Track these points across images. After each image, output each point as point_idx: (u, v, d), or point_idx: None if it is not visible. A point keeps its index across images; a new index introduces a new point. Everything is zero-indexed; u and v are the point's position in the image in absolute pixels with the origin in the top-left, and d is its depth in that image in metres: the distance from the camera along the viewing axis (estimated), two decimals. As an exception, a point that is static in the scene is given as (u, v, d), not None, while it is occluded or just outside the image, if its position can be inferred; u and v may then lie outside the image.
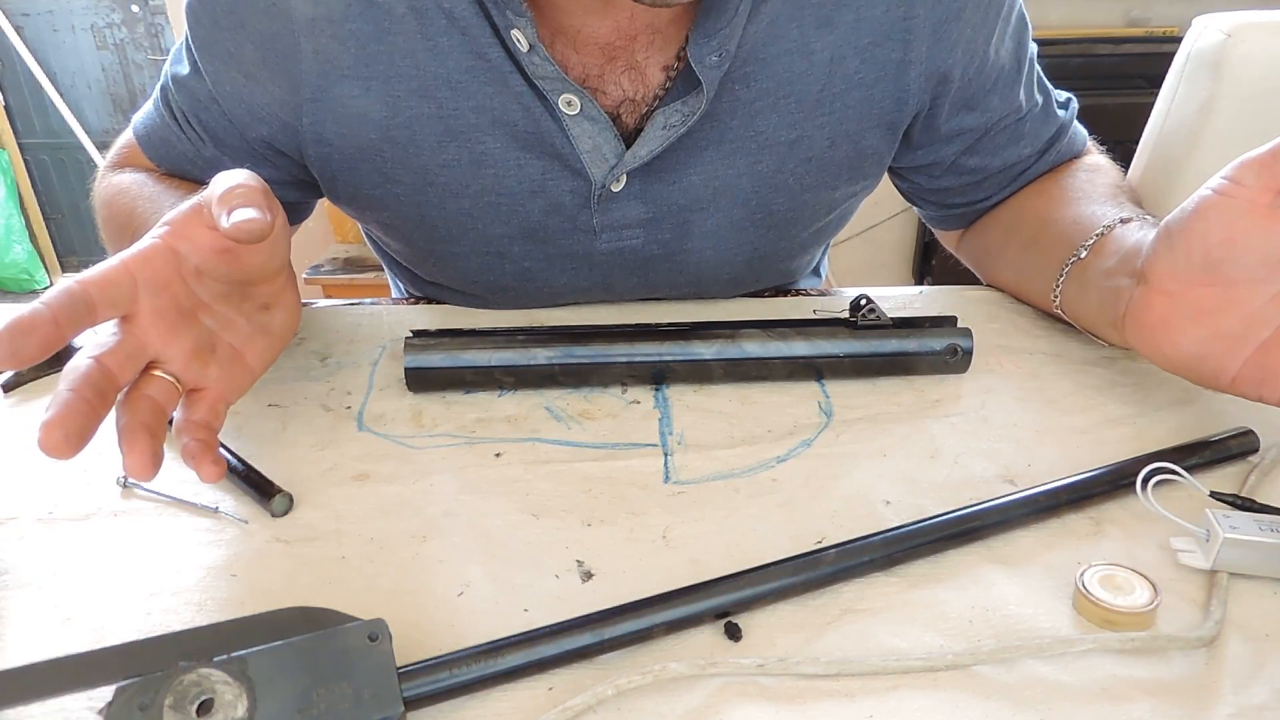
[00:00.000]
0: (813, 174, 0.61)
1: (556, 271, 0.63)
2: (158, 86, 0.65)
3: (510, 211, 0.60)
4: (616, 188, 0.59)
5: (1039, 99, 0.66)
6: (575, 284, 0.64)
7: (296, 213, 0.70)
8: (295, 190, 0.65)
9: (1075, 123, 0.69)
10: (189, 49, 0.61)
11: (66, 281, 0.37)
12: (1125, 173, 0.70)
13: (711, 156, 0.59)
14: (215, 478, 0.40)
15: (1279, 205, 0.42)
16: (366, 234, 0.77)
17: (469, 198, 0.59)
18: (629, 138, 0.58)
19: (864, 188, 0.66)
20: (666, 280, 0.65)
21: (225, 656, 0.31)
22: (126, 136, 0.68)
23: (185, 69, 0.61)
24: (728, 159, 0.59)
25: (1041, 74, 0.67)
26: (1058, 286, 0.58)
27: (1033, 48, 0.66)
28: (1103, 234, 0.55)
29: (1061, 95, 0.69)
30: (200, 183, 0.63)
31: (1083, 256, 0.56)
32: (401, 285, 0.81)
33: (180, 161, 0.64)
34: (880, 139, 0.62)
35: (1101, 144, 0.71)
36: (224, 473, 0.41)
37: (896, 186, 0.74)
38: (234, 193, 0.41)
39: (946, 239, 0.78)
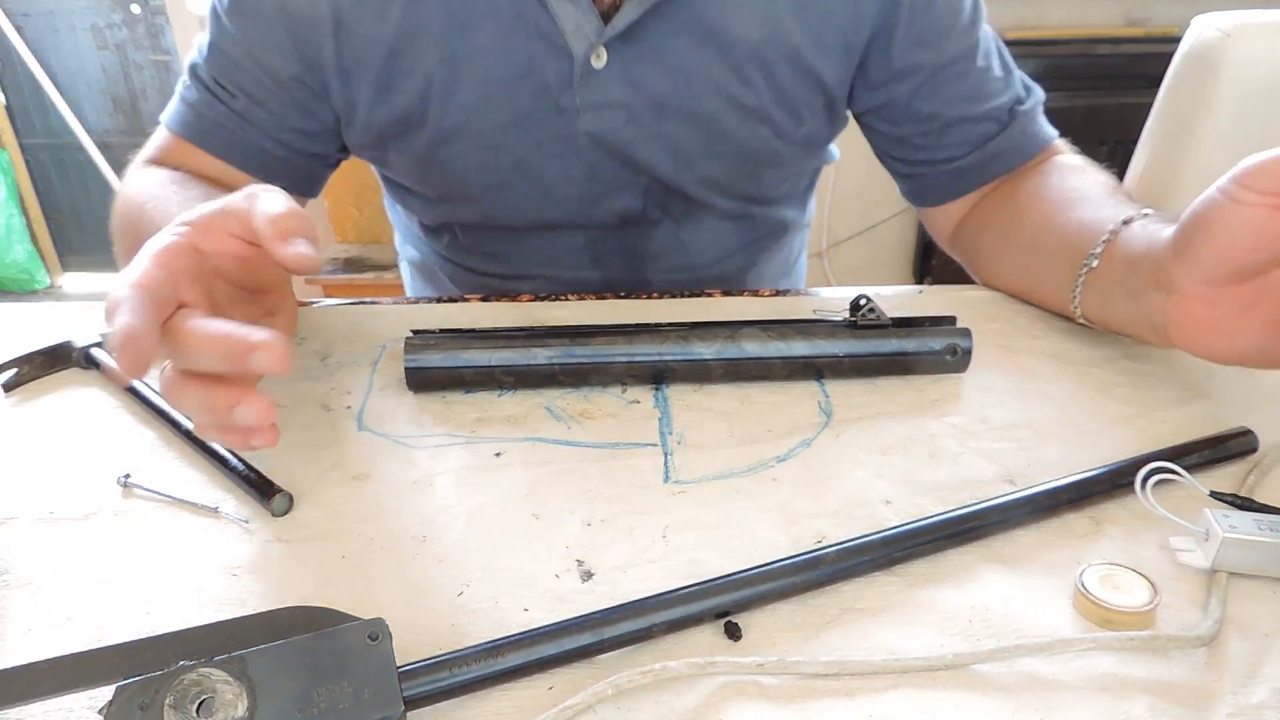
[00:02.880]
0: (779, 76, 0.66)
1: (547, 158, 0.67)
2: (180, 83, 0.69)
3: (501, 99, 0.65)
4: (598, 64, 0.63)
5: (998, 69, 0.69)
6: (565, 173, 0.68)
7: (313, 183, 0.73)
8: (322, 141, 0.70)
9: (1042, 115, 0.71)
10: (216, 19, 0.65)
11: (123, 289, 0.37)
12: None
13: (685, 44, 0.63)
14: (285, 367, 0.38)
15: None
16: (383, 178, 0.80)
17: (465, 90, 0.64)
18: (608, 16, 0.62)
19: (824, 122, 0.71)
20: (647, 168, 0.68)
21: (225, 656, 0.31)
22: (154, 136, 0.70)
23: (214, 40, 0.66)
24: (700, 48, 0.63)
25: (1009, 58, 0.70)
26: (1075, 296, 0.58)
27: (991, 33, 0.70)
28: (1109, 240, 0.55)
29: (1028, 81, 0.72)
30: (222, 185, 0.65)
31: (1095, 266, 0.56)
32: (411, 249, 0.86)
33: (211, 129, 0.66)
34: (839, 62, 0.67)
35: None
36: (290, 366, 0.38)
37: (871, 141, 0.76)
38: (288, 220, 0.41)
39: (938, 233, 0.78)
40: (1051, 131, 0.71)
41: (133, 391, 0.53)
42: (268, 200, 0.42)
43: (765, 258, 0.81)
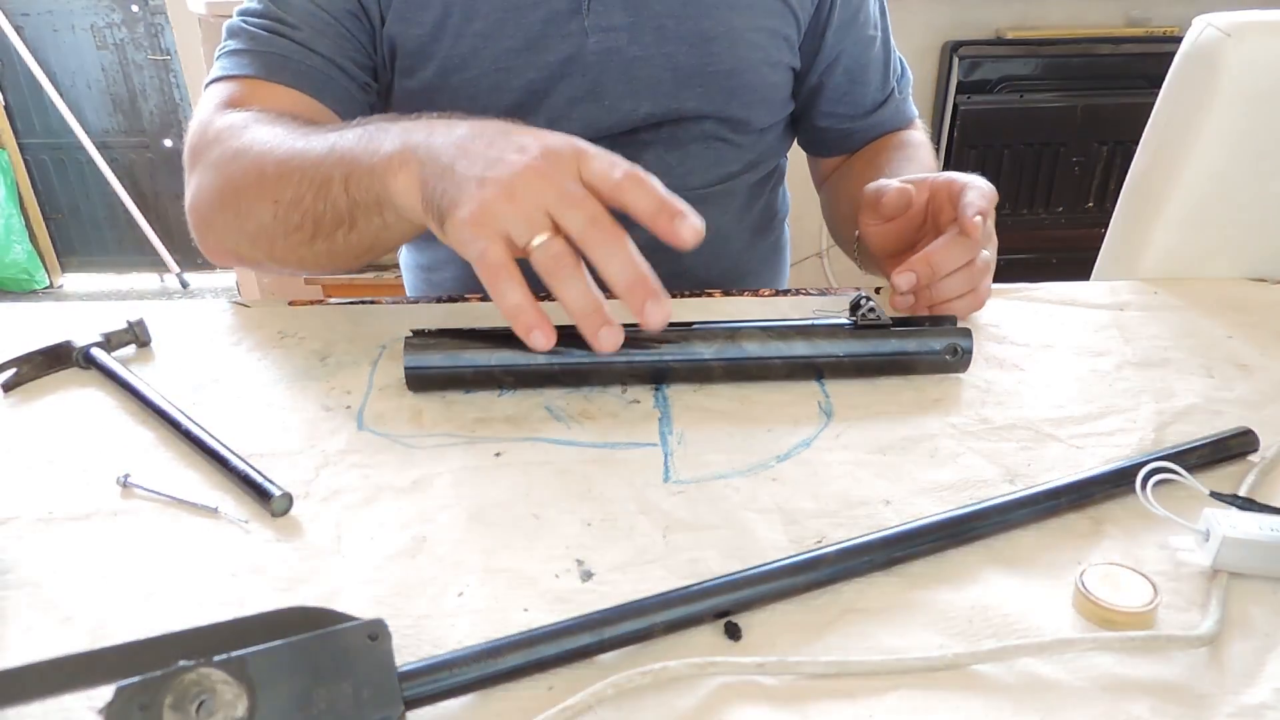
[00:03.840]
0: (756, 5, 0.74)
1: (555, 79, 0.72)
2: (220, 48, 0.69)
3: (515, 26, 0.70)
4: None
5: (893, 45, 0.83)
6: (571, 93, 0.73)
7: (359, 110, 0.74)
8: (370, 74, 0.73)
9: (910, 96, 0.85)
10: None
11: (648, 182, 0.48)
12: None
13: None
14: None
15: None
16: None
17: (480, 20, 0.69)
18: None
19: (794, 60, 0.80)
20: (649, 88, 0.73)
21: (225, 656, 0.31)
22: (208, 96, 0.68)
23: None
24: None
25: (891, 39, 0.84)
26: (857, 242, 0.70)
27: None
28: None
29: (904, 60, 0.85)
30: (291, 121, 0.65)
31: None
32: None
33: (278, 63, 0.67)
34: (784, 19, 0.76)
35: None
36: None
37: (793, 94, 0.83)
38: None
39: (816, 180, 0.92)
40: (913, 112, 0.86)
41: (132, 391, 0.53)
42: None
43: (745, 190, 0.85)
